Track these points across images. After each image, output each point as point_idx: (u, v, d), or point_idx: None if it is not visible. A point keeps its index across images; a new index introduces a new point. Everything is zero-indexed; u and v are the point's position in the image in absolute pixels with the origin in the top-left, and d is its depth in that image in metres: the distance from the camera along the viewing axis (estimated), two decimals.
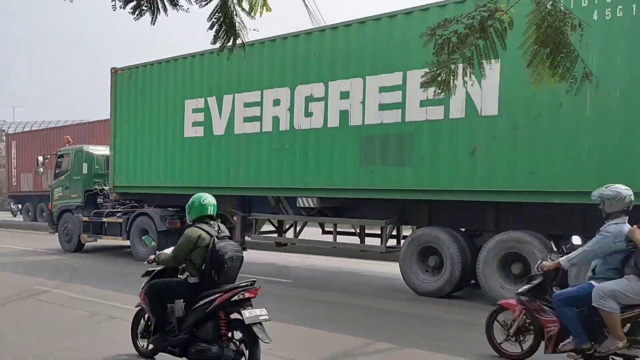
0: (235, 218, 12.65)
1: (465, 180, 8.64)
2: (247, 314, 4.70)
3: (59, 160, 16.37)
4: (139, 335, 5.54)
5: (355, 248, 10.98)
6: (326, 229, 11.65)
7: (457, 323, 7.41)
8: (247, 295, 4.79)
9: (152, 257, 5.28)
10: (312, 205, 10.66)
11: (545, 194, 7.91)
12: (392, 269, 10.97)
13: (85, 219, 15.02)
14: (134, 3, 4.80)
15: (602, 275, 4.88)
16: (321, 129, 10.26)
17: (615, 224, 4.89)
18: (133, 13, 4.84)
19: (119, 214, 14.45)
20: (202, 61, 12.22)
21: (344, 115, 9.96)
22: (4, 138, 52.53)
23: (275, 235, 12.20)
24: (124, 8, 4.82)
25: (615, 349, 4.70)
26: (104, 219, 14.64)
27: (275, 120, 10.93)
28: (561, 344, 4.92)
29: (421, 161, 9.08)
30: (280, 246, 12.89)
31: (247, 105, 11.39)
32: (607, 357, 4.83)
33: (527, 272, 7.83)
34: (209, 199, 5.21)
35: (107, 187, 14.82)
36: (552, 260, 5.13)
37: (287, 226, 12.14)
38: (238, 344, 4.83)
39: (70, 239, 15.51)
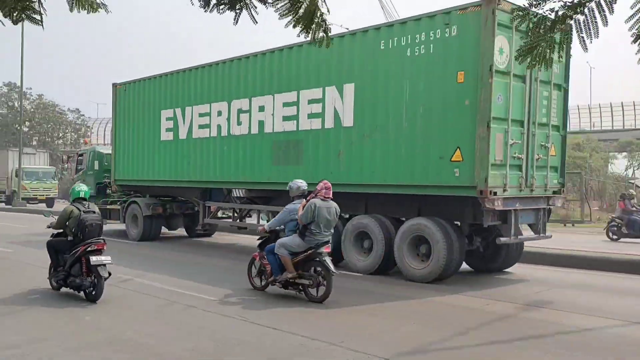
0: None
1: (334, 176, 11.12)
2: (94, 258, 7.61)
3: (79, 158, 19.90)
4: (51, 275, 8.52)
5: None
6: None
7: None
8: (95, 247, 7.69)
9: (49, 223, 8.26)
10: (242, 195, 13.48)
11: (380, 186, 10.38)
12: None
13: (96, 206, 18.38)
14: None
15: (287, 235, 7.51)
16: (247, 135, 13.02)
17: (294, 203, 7.52)
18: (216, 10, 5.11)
19: (118, 202, 17.71)
20: (172, 79, 15.23)
21: (261, 124, 12.67)
22: (89, 134, 58.17)
23: (226, 219, 15.09)
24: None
25: (286, 278, 7.43)
26: (108, 207, 17.95)
27: (219, 127, 13.78)
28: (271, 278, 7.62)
29: (308, 161, 11.68)
30: (241, 229, 15.76)
31: (200, 115, 14.31)
32: (296, 285, 7.51)
33: (370, 246, 10.40)
34: (82, 188, 8.19)
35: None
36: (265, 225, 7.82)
37: (245, 213, 14.92)
38: (93, 277, 7.72)
39: None
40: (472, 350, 6.02)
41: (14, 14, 5.30)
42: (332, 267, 7.41)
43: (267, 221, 8.26)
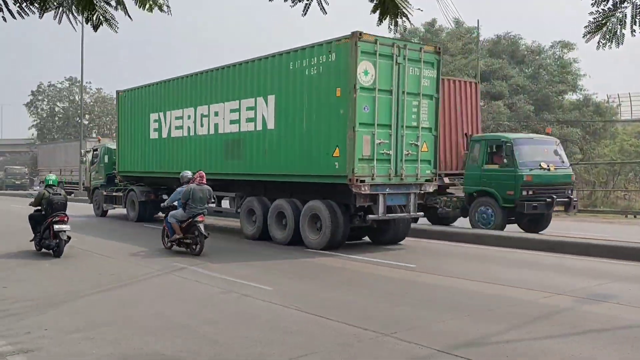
0: None
1: (261, 168, 14.16)
2: (57, 226, 10.87)
3: (94, 153, 23.58)
4: (33, 239, 11.83)
5: (228, 212, 16.72)
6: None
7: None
8: (58, 218, 10.94)
9: (30, 202, 11.61)
10: None
11: (291, 176, 13.30)
12: None
13: (106, 193, 21.94)
14: None
15: (179, 208, 10.62)
16: (207, 135, 16.14)
17: (182, 187, 10.60)
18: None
19: (121, 190, 21.15)
20: (157, 87, 18.52)
21: (216, 126, 15.76)
22: None
23: None
24: None
25: (176, 238, 10.58)
26: (114, 194, 21.45)
27: (189, 128, 16.95)
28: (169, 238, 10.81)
29: (246, 157, 14.68)
30: (217, 213, 18.91)
31: (176, 118, 17.53)
32: (184, 244, 10.61)
33: (286, 223, 13.35)
34: (51, 177, 11.46)
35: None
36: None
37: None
38: (57, 240, 10.98)
39: (98, 207, 22.54)
40: (526, 344, 5.96)
41: (94, 18, 5.34)
42: (203, 231, 10.58)
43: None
